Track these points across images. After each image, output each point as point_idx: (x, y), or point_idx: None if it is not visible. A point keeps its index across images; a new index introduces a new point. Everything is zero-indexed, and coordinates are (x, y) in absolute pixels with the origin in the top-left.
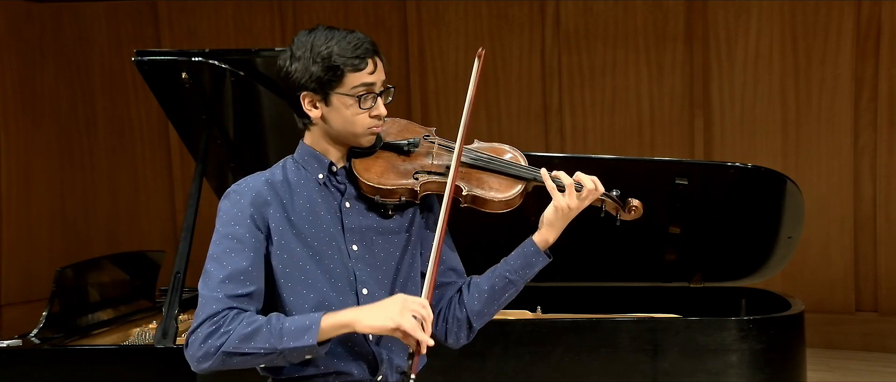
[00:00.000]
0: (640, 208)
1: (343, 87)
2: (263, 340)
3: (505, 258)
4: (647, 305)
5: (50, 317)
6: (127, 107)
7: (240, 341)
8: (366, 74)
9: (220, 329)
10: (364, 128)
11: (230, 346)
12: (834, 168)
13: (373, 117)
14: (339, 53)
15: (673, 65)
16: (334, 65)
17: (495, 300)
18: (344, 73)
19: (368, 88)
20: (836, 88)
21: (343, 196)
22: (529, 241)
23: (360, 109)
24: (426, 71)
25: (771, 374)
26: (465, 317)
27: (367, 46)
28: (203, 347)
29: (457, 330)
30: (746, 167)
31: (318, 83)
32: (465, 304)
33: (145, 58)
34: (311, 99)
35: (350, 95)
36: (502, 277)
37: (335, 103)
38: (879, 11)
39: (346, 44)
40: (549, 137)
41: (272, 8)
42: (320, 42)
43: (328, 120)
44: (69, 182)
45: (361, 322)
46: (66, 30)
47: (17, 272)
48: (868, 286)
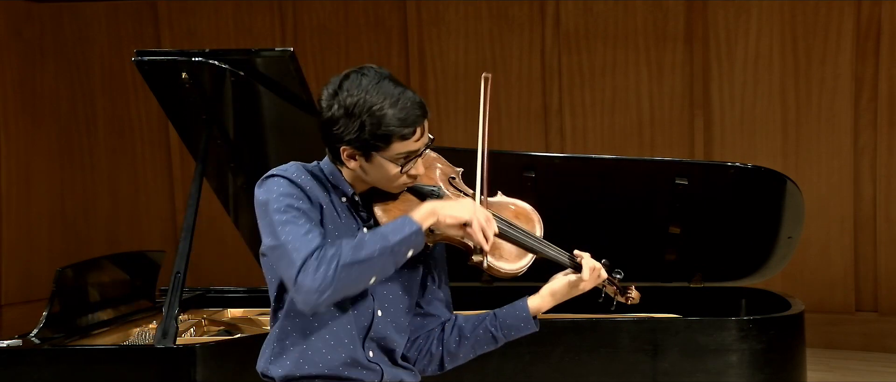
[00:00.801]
0: (637, 298)
1: (389, 152)
2: (372, 243)
3: (494, 311)
4: (647, 305)
5: (50, 317)
6: (127, 107)
7: (353, 251)
8: (412, 142)
9: (327, 255)
10: (399, 185)
11: (346, 257)
12: (834, 168)
13: (410, 176)
14: (390, 120)
15: (673, 65)
16: (384, 133)
17: (473, 349)
18: (392, 141)
19: (412, 154)
20: (836, 88)
21: (363, 223)
22: (523, 304)
23: (401, 173)
24: (426, 71)
25: (771, 374)
26: (439, 355)
27: (417, 114)
28: (318, 275)
29: (427, 363)
30: (746, 167)
31: (364, 144)
32: (444, 342)
33: (145, 58)
34: (351, 153)
35: (393, 161)
36: (487, 330)
37: (376, 163)
38: (879, 11)
39: (400, 110)
40: (549, 138)
41: (272, 8)
42: (374, 102)
43: (365, 171)
44: (69, 182)
45: (442, 211)
46: (66, 30)
47: (17, 272)
48: (868, 286)
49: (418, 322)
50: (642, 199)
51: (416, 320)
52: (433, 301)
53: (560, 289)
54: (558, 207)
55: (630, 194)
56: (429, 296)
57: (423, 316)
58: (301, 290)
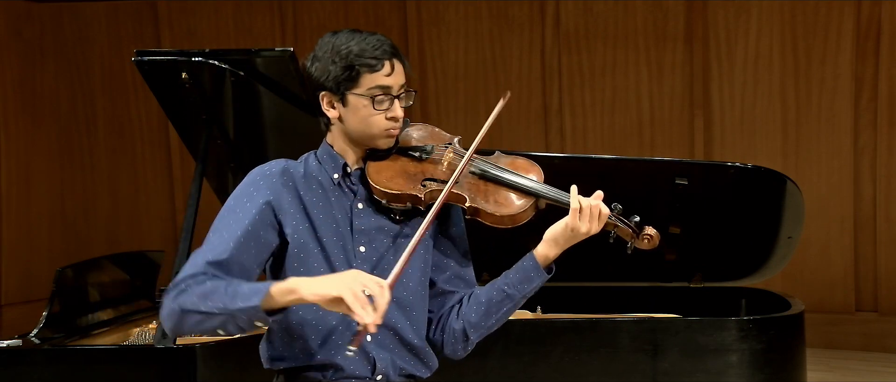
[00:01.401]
0: (656, 238)
1: (359, 87)
2: (218, 299)
3: (506, 271)
4: (647, 305)
5: (50, 317)
6: (127, 107)
7: (198, 298)
8: (382, 75)
9: (188, 288)
10: (380, 129)
11: (188, 303)
12: (834, 168)
13: (389, 119)
14: (357, 53)
15: (673, 65)
16: (351, 65)
17: (492, 313)
18: (360, 73)
19: (384, 90)
20: (836, 88)
21: (355, 197)
22: (530, 255)
23: (375, 110)
24: (426, 71)
25: (771, 374)
26: (461, 328)
27: (385, 48)
28: (170, 305)
29: (453, 342)
30: (746, 167)
31: (336, 83)
32: (463, 315)
33: (145, 58)
34: (329, 99)
35: (365, 95)
36: (500, 290)
37: (352, 104)
38: (879, 11)
39: (365, 44)
40: (549, 137)
41: (272, 8)
42: (340, 43)
43: (345, 120)
44: (69, 182)
45: (305, 289)
46: (66, 30)
47: (17, 272)
48: (868, 286)
49: (438, 302)
50: (642, 199)
51: (435, 300)
52: (453, 279)
53: (559, 232)
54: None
55: (630, 194)
56: (449, 274)
57: (444, 295)
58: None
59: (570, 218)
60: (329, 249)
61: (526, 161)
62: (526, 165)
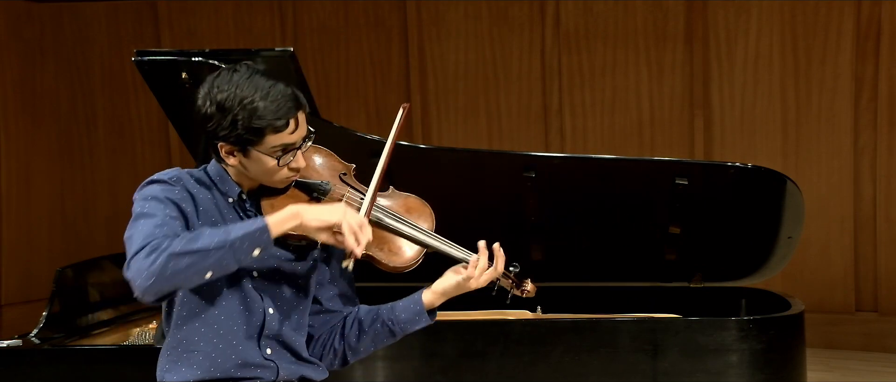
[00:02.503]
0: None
1: (263, 146)
2: (211, 236)
3: (391, 304)
4: (647, 305)
5: (50, 317)
6: (127, 107)
7: (187, 242)
8: (286, 134)
9: (161, 245)
10: (281, 178)
11: (177, 247)
12: (834, 168)
13: (291, 169)
14: (261, 114)
15: (673, 65)
16: (255, 127)
17: (373, 343)
18: (264, 134)
19: (288, 147)
20: (836, 88)
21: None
22: (418, 299)
23: (279, 165)
24: (426, 71)
25: (771, 374)
26: (341, 350)
27: (289, 106)
28: (147, 260)
29: (332, 359)
30: (746, 167)
31: (238, 139)
32: (345, 338)
33: (145, 58)
34: (228, 149)
35: (269, 154)
36: (385, 325)
37: (254, 157)
38: (879, 11)
39: (270, 103)
40: (549, 137)
41: (272, 8)
42: (244, 95)
43: (246, 167)
44: (69, 182)
45: (306, 214)
46: (66, 30)
47: (17, 272)
48: (868, 286)
49: (321, 319)
50: (642, 199)
51: (318, 317)
52: (335, 298)
53: (449, 287)
54: (558, 207)
55: (630, 194)
56: (328, 292)
57: (325, 313)
58: (130, 273)
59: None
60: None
61: (418, 202)
62: (418, 207)
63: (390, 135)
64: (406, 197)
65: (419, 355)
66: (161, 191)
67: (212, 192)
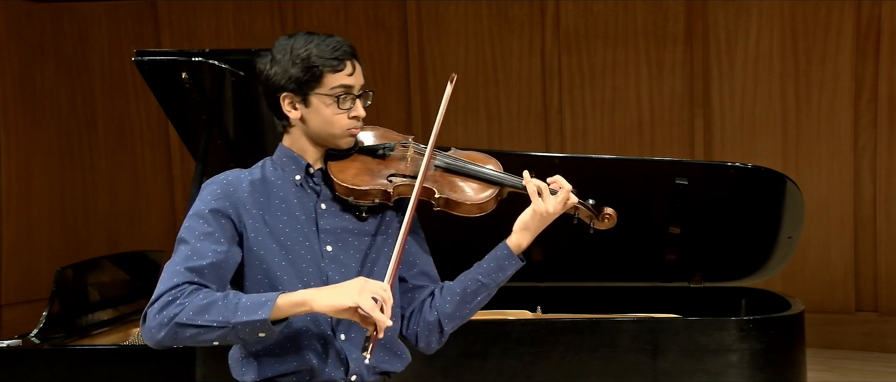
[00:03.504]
0: (613, 217)
1: (322, 87)
2: (217, 313)
3: (478, 261)
4: (647, 305)
5: (50, 317)
6: (127, 107)
7: (194, 312)
8: (344, 75)
9: (177, 301)
10: (342, 128)
11: (184, 317)
12: (834, 168)
13: (351, 118)
14: (317, 54)
15: (673, 65)
16: (313, 65)
17: (467, 302)
18: (323, 73)
19: (347, 89)
20: (836, 88)
21: (319, 198)
22: (503, 244)
23: (339, 109)
24: (426, 71)
25: (771, 374)
26: (435, 320)
27: (345, 48)
28: (158, 317)
29: (427, 334)
30: (746, 167)
31: (297, 84)
32: (437, 307)
33: (145, 58)
34: (290, 100)
35: (329, 95)
36: (474, 279)
37: (314, 104)
38: (879, 11)
39: (325, 46)
40: (549, 137)
41: (272, 8)
42: (299, 45)
43: (307, 121)
44: (69, 182)
45: (318, 301)
46: (66, 30)
47: (17, 272)
48: (868, 286)
49: (409, 297)
50: (642, 199)
51: (406, 296)
52: (420, 275)
53: (528, 218)
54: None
55: (630, 194)
56: (417, 271)
57: (412, 290)
58: (143, 325)
59: (534, 202)
60: (294, 251)
61: (482, 154)
62: (483, 157)
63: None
64: (468, 151)
65: (419, 355)
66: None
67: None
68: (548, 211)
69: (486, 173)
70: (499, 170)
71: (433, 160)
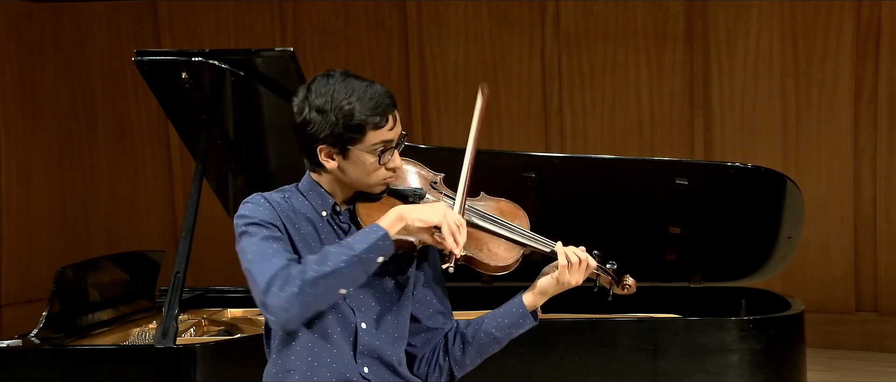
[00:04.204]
0: (633, 286)
1: (364, 144)
2: (337, 256)
3: (491, 312)
4: (647, 305)
5: (50, 317)
6: (127, 107)
7: (318, 265)
8: (386, 130)
9: (292, 273)
10: (379, 179)
11: (311, 272)
12: (834, 168)
13: (388, 169)
14: (360, 110)
15: (673, 65)
16: (357, 124)
17: (479, 354)
18: (366, 131)
19: (387, 144)
20: (836, 88)
21: (345, 236)
22: (519, 301)
23: (379, 164)
24: (426, 71)
25: (771, 374)
26: (448, 367)
27: (387, 103)
28: (283, 294)
29: (438, 375)
30: (746, 167)
31: (338, 139)
32: (450, 354)
33: (145, 58)
34: (328, 152)
35: (370, 152)
36: (488, 333)
37: (353, 157)
38: (879, 11)
39: (369, 100)
40: (549, 137)
41: (272, 8)
42: (341, 96)
43: (344, 171)
44: (69, 182)
45: (411, 215)
46: (66, 30)
47: (17, 272)
48: (868, 286)
49: (422, 338)
50: (642, 199)
51: (419, 337)
52: (435, 315)
53: (549, 286)
54: (558, 207)
55: (630, 194)
56: (432, 311)
57: (427, 331)
58: (270, 311)
59: (560, 272)
60: None
61: (510, 205)
62: (511, 210)
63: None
64: (498, 201)
65: None
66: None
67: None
68: (570, 283)
69: (513, 235)
70: (526, 225)
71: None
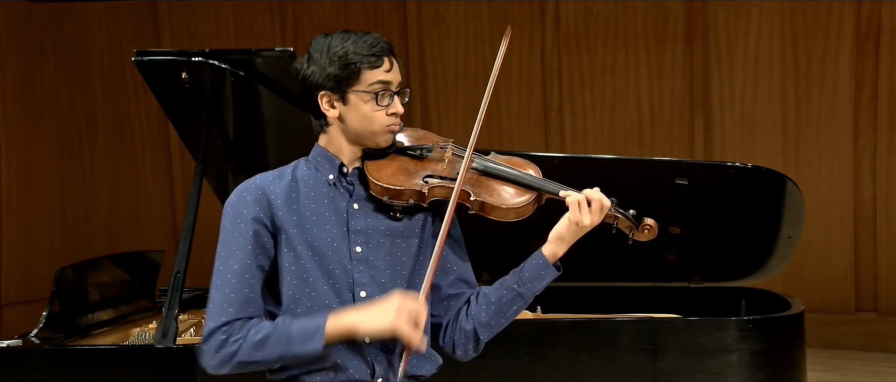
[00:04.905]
0: (654, 228)
1: (360, 84)
2: (273, 347)
3: (513, 269)
4: (647, 305)
5: (50, 317)
6: (127, 107)
7: (252, 350)
8: (382, 71)
9: (231, 338)
10: (382, 126)
11: (243, 356)
12: (834, 168)
13: (390, 115)
14: (354, 51)
15: (673, 65)
16: (351, 62)
17: (503, 312)
18: (361, 70)
19: (385, 85)
20: (836, 88)
21: (352, 197)
22: (539, 253)
23: (378, 106)
24: (426, 71)
25: (771, 374)
26: (472, 329)
27: (382, 45)
28: (218, 356)
29: (464, 343)
30: (746, 167)
31: (336, 81)
32: (473, 316)
33: (145, 58)
34: (328, 98)
35: (367, 91)
36: (510, 289)
37: (353, 101)
38: (879, 11)
39: (363, 43)
40: (549, 137)
41: (272, 8)
42: (336, 43)
43: (346, 119)
44: (69, 182)
45: (362, 326)
46: (66, 30)
47: (17, 272)
48: (868, 286)
49: (444, 306)
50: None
51: (442, 305)
52: (457, 283)
53: (564, 229)
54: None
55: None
56: (453, 278)
57: (449, 298)
58: (203, 359)
59: (572, 212)
60: (321, 253)
61: (522, 159)
62: (522, 162)
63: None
64: (509, 157)
65: None
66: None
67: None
68: (584, 223)
69: (524, 178)
70: (538, 175)
71: (471, 163)
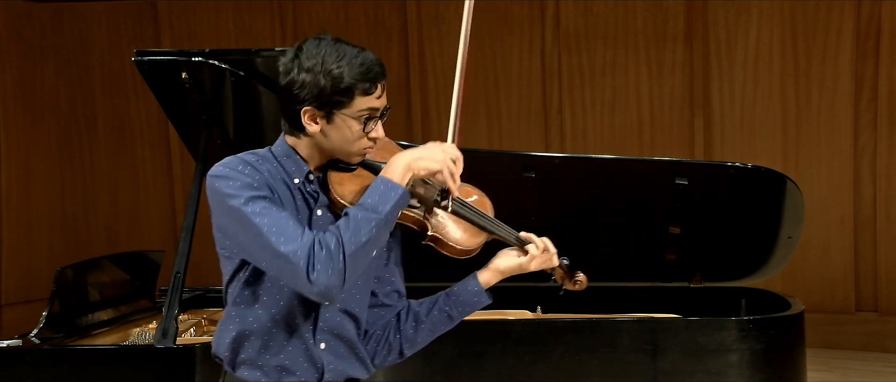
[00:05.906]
0: (584, 283)
1: (350, 108)
2: (367, 222)
3: (445, 291)
4: (647, 305)
5: (50, 317)
6: (127, 107)
7: (353, 236)
8: (374, 98)
9: (331, 247)
10: (360, 148)
11: (351, 246)
12: (834, 168)
13: (370, 139)
14: (350, 74)
15: (673, 65)
16: (346, 87)
17: (431, 332)
18: (354, 95)
19: (373, 112)
20: (836, 88)
21: (316, 204)
22: (474, 281)
23: (363, 132)
24: (426, 71)
25: (771, 374)
26: (397, 344)
27: (377, 70)
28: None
29: (386, 354)
30: (746, 167)
31: (325, 102)
32: (402, 332)
33: (145, 58)
34: (311, 114)
35: (356, 117)
36: (442, 311)
37: (338, 122)
38: (879, 11)
39: (358, 65)
40: (549, 137)
41: (272, 8)
42: (331, 59)
43: (326, 135)
44: (69, 182)
45: (417, 165)
46: (66, 30)
47: (17, 272)
48: (868, 286)
49: (375, 314)
50: (642, 199)
51: (373, 312)
52: (391, 294)
53: (508, 266)
54: (558, 207)
55: (630, 194)
56: (389, 289)
57: (380, 307)
58: (318, 287)
59: (526, 260)
60: None
61: (476, 190)
62: (479, 196)
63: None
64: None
65: (419, 355)
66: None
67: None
68: (529, 269)
69: (481, 223)
70: (492, 213)
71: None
